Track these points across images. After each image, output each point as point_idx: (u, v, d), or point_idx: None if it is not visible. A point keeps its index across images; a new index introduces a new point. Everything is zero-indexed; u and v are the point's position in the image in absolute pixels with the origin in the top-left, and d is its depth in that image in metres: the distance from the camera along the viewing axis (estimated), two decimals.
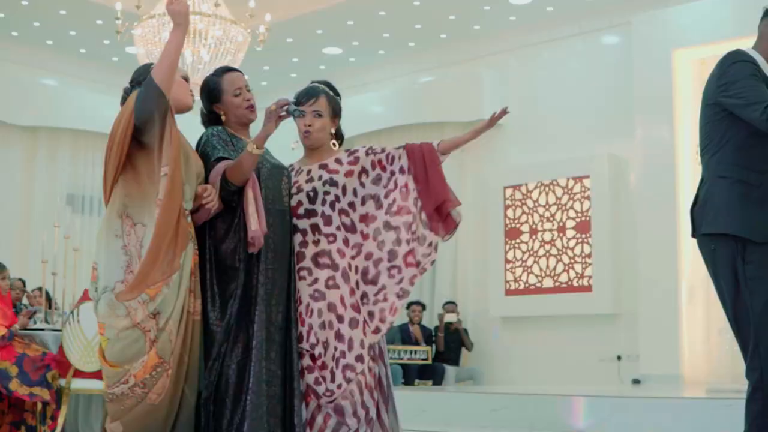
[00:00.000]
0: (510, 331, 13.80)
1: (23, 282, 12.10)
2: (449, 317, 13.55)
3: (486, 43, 14.36)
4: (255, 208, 4.61)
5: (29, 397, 8.36)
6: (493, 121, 5.03)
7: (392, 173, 5.05)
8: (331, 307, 4.85)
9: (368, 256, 4.98)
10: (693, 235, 4.73)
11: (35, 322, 9.57)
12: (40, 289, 10.60)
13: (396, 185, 5.02)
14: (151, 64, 4.70)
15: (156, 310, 4.36)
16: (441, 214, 5.01)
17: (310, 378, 4.80)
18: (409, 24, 13.82)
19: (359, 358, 4.82)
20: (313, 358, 4.81)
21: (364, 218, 5.02)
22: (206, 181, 4.73)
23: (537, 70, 14.03)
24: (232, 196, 4.66)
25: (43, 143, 15.29)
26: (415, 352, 12.90)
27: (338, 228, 4.97)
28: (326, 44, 14.86)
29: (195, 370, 4.53)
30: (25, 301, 11.91)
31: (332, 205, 4.97)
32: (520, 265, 13.66)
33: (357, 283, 4.95)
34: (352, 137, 15.11)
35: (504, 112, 4.99)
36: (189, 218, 4.59)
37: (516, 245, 13.73)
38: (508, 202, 13.85)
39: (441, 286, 14.39)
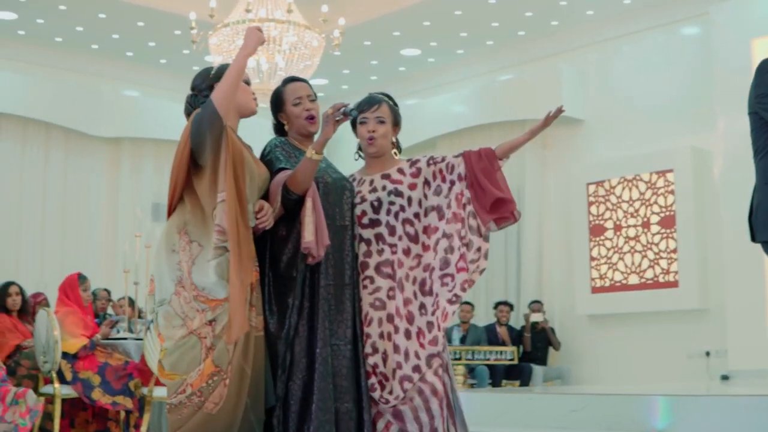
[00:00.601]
0: (597, 328, 13.63)
1: (108, 292, 12.25)
2: (535, 317, 13.44)
3: (564, 39, 14.23)
4: (312, 219, 4.57)
5: (112, 406, 8.46)
6: (549, 120, 4.97)
7: (452, 182, 5.00)
8: (389, 318, 4.81)
9: (426, 268, 4.94)
10: (753, 241, 4.64)
11: (118, 332, 9.67)
12: (126, 298, 10.72)
13: (454, 194, 5.00)
14: (211, 68, 4.72)
15: (213, 319, 4.37)
16: (496, 211, 4.96)
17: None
18: (486, 22, 13.74)
19: (416, 369, 4.75)
20: (369, 365, 4.79)
21: (427, 230, 4.99)
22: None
23: (616, 63, 13.86)
24: (294, 206, 4.62)
25: (127, 154, 15.49)
26: (502, 353, 12.79)
27: (400, 238, 4.93)
28: (404, 46, 14.84)
29: (260, 384, 4.50)
30: (110, 311, 12.06)
31: (396, 215, 4.94)
32: (605, 262, 13.49)
33: (414, 294, 4.91)
34: (435, 138, 15.14)
35: (560, 110, 4.93)
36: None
37: (600, 242, 13.57)
38: (592, 199, 13.70)
39: (527, 286, 14.27)
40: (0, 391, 7.87)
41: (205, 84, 4.62)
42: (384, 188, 4.96)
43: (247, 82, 4.79)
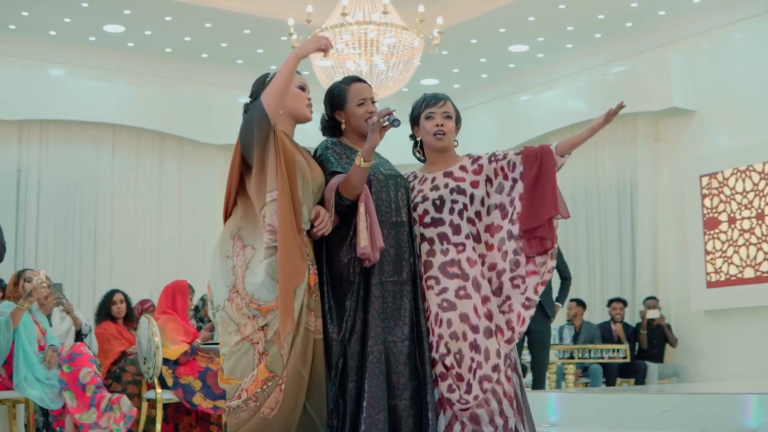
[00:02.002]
0: (713, 324, 13.25)
1: None
2: (651, 313, 13.20)
3: (672, 28, 13.85)
4: (366, 224, 4.58)
5: (213, 410, 8.56)
6: (610, 116, 4.86)
7: (514, 180, 4.99)
8: (463, 318, 4.79)
9: (492, 267, 4.93)
10: None
11: None
12: None
13: (517, 193, 4.96)
14: (268, 74, 4.75)
15: (265, 324, 4.39)
16: (534, 232, 4.90)
17: (443, 386, 4.77)
18: (591, 15, 13.49)
19: (496, 368, 4.76)
20: (445, 366, 4.76)
21: (489, 228, 4.97)
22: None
23: (727, 52, 13.40)
24: (348, 209, 4.65)
25: None
26: (616, 351, 12.55)
27: (467, 237, 4.91)
28: (511, 42, 14.66)
29: (320, 387, 4.53)
30: None
31: (460, 214, 4.93)
32: (720, 256, 13.13)
33: (492, 292, 4.89)
34: (547, 134, 15.00)
35: (621, 106, 4.82)
36: (306, 238, 4.57)
37: (715, 235, 13.20)
38: (705, 191, 13.34)
39: (642, 282, 13.96)
40: (95, 397, 8.05)
41: (261, 90, 4.63)
42: (446, 186, 4.96)
43: (302, 88, 4.80)
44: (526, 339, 10.45)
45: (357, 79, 5.05)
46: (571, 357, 12.14)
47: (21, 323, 8.22)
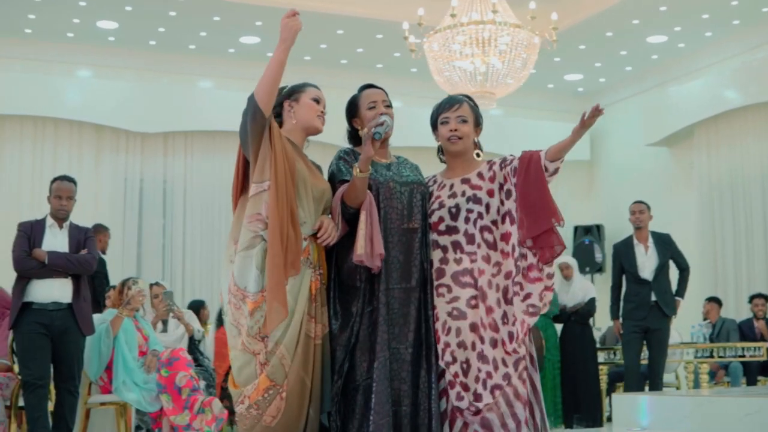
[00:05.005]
0: None
1: None
2: None
3: None
4: (365, 232, 4.60)
5: None
6: (587, 121, 4.70)
7: (516, 185, 4.91)
8: (473, 328, 4.76)
9: (508, 275, 4.85)
10: None
11: None
12: None
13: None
14: (284, 87, 4.84)
15: (261, 333, 4.43)
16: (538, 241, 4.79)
17: (452, 394, 4.76)
18: (725, 2, 12.96)
19: (506, 377, 4.72)
20: (451, 375, 4.75)
21: (505, 236, 4.88)
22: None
23: None
24: (354, 218, 4.69)
25: None
26: (756, 349, 12.09)
27: (479, 245, 4.86)
28: (648, 33, 14.24)
29: (320, 392, 4.57)
30: None
31: (475, 223, 4.88)
32: None
33: (498, 302, 4.82)
34: (695, 124, 14.55)
35: (595, 109, 4.66)
36: (305, 243, 4.60)
37: None
38: None
39: None
40: (189, 400, 8.28)
41: (276, 101, 4.70)
42: (463, 194, 4.93)
43: (317, 100, 4.86)
44: (644, 338, 10.24)
45: (370, 86, 5.13)
46: (711, 356, 11.69)
47: (121, 330, 8.53)
